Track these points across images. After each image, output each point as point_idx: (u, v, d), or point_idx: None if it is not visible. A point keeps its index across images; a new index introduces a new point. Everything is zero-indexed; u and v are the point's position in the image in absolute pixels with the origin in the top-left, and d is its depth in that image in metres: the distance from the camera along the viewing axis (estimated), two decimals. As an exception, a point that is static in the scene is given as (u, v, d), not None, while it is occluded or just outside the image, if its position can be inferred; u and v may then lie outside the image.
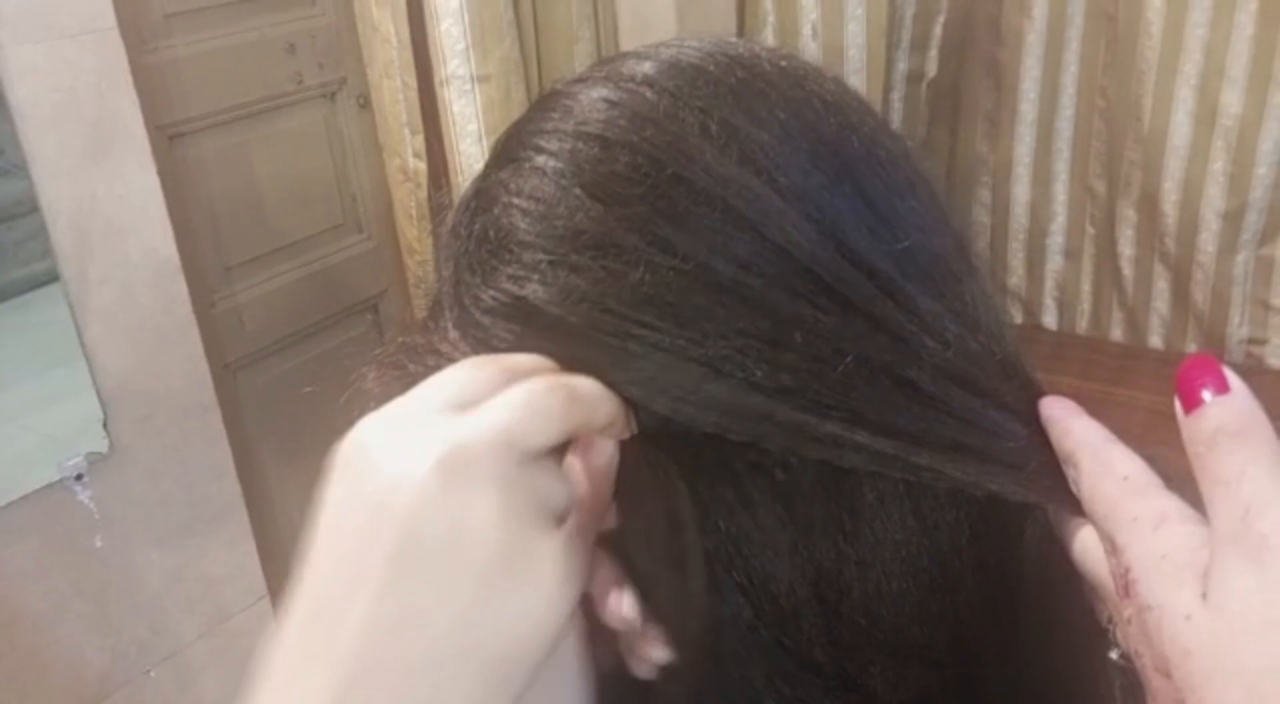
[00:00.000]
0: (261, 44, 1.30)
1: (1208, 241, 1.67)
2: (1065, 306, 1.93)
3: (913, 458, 0.34)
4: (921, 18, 1.76)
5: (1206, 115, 1.60)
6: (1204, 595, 0.29)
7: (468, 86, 1.20)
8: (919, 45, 1.82)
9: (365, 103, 1.39)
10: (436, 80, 1.22)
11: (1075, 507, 0.35)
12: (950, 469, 0.34)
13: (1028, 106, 1.82)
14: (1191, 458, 0.31)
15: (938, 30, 1.78)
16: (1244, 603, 0.28)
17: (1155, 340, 1.80)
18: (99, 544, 1.16)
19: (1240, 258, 1.67)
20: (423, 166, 1.27)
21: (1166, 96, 1.63)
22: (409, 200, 1.31)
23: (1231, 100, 1.57)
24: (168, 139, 1.24)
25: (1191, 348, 1.76)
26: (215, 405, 1.21)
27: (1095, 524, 0.33)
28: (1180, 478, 0.33)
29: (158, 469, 1.18)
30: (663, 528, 0.34)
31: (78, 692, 1.18)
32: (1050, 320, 1.94)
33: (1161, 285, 1.77)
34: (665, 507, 0.34)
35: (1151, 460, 0.33)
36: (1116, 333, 1.85)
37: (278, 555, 1.35)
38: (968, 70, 1.86)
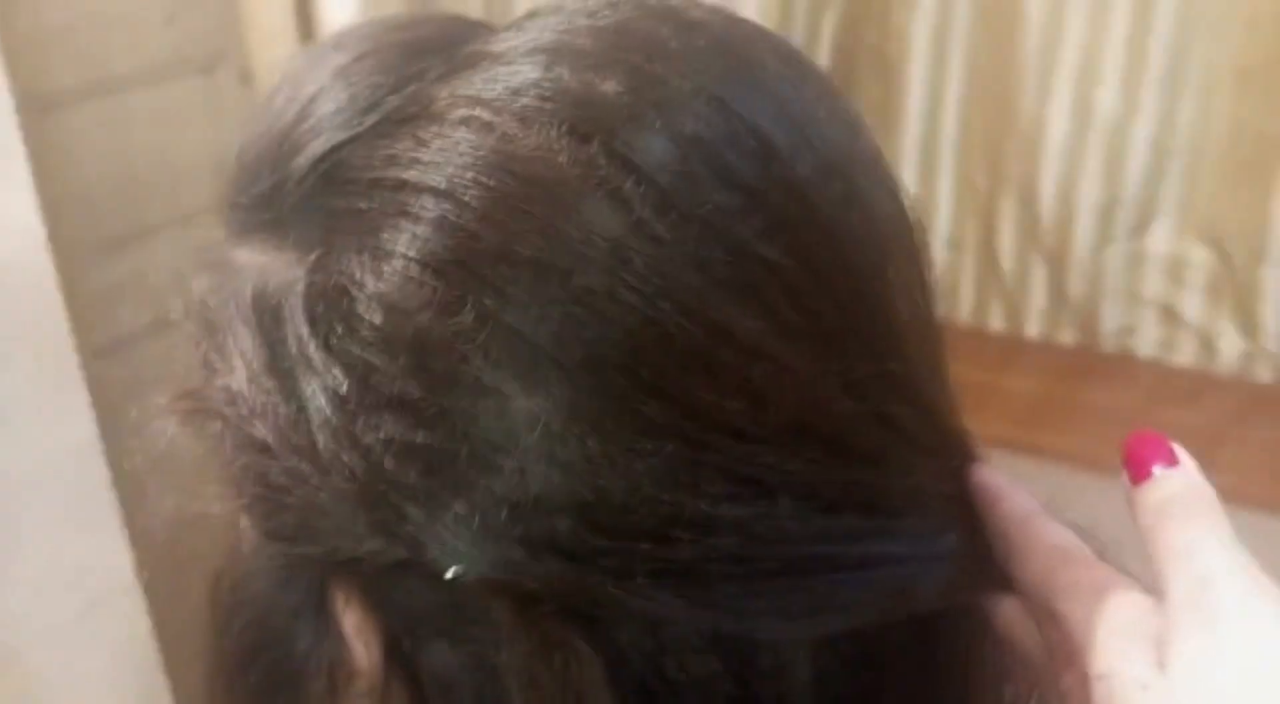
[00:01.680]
0: (138, 12, 1.25)
1: (1082, 234, 1.73)
2: (948, 297, 1.97)
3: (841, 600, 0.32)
4: (813, 10, 1.78)
5: (1082, 111, 1.65)
6: (1160, 664, 0.28)
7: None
8: (811, 39, 1.84)
9: (246, 78, 1.35)
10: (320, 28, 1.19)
11: (1003, 583, 0.34)
12: (881, 600, 0.32)
13: (914, 100, 1.86)
14: (1142, 529, 0.31)
15: (827, 24, 1.81)
16: (1204, 673, 0.28)
17: (1033, 330, 1.86)
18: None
19: (1113, 250, 1.73)
20: (307, 143, 1.24)
21: (1045, 92, 1.68)
22: (293, 178, 1.27)
23: (1106, 97, 1.62)
24: (38, 110, 1.18)
25: (1067, 337, 1.82)
26: (84, 385, 1.16)
27: (1026, 595, 0.33)
28: (1107, 550, 0.33)
29: (25, 448, 1.13)
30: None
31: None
32: (934, 310, 1.98)
33: (1039, 277, 1.82)
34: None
35: (1081, 533, 0.34)
36: (996, 322, 1.91)
37: (146, 544, 1.30)
38: (858, 64, 1.89)
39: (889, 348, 0.33)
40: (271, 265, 0.33)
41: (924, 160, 1.90)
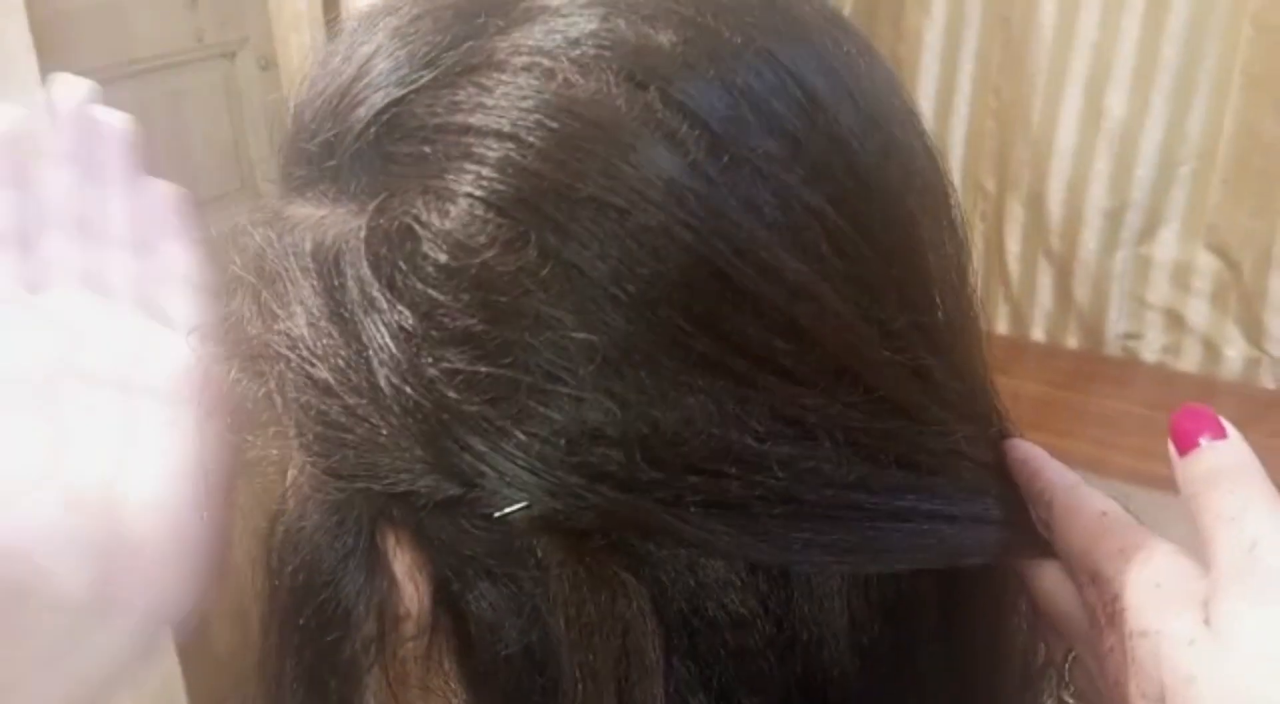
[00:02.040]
0: (161, -2, 1.27)
1: (1089, 239, 1.74)
2: (955, 300, 1.98)
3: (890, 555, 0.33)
4: (825, 11, 1.79)
5: (1092, 117, 1.66)
6: (1206, 622, 0.29)
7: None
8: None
9: (267, 64, 1.36)
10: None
11: (1040, 548, 0.35)
12: (928, 553, 0.33)
13: (925, 103, 1.87)
14: (1188, 497, 0.32)
15: (841, 25, 1.82)
16: (1253, 633, 0.28)
17: (1038, 333, 1.87)
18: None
19: (1120, 255, 1.74)
20: (329, 128, 1.25)
21: (1054, 98, 1.69)
22: (313, 163, 1.28)
23: (1116, 103, 1.63)
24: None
25: (1072, 341, 1.83)
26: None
27: (1069, 560, 0.34)
28: (1147, 520, 0.34)
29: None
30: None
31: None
32: (940, 313, 1.99)
33: (1045, 281, 1.83)
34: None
35: (1121, 503, 0.35)
36: (1002, 326, 1.92)
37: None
38: (868, 66, 1.91)
39: (924, 302, 0.34)
40: (330, 217, 0.33)
41: (933, 163, 1.91)
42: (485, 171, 0.30)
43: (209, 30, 1.31)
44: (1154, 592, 0.31)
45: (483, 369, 0.30)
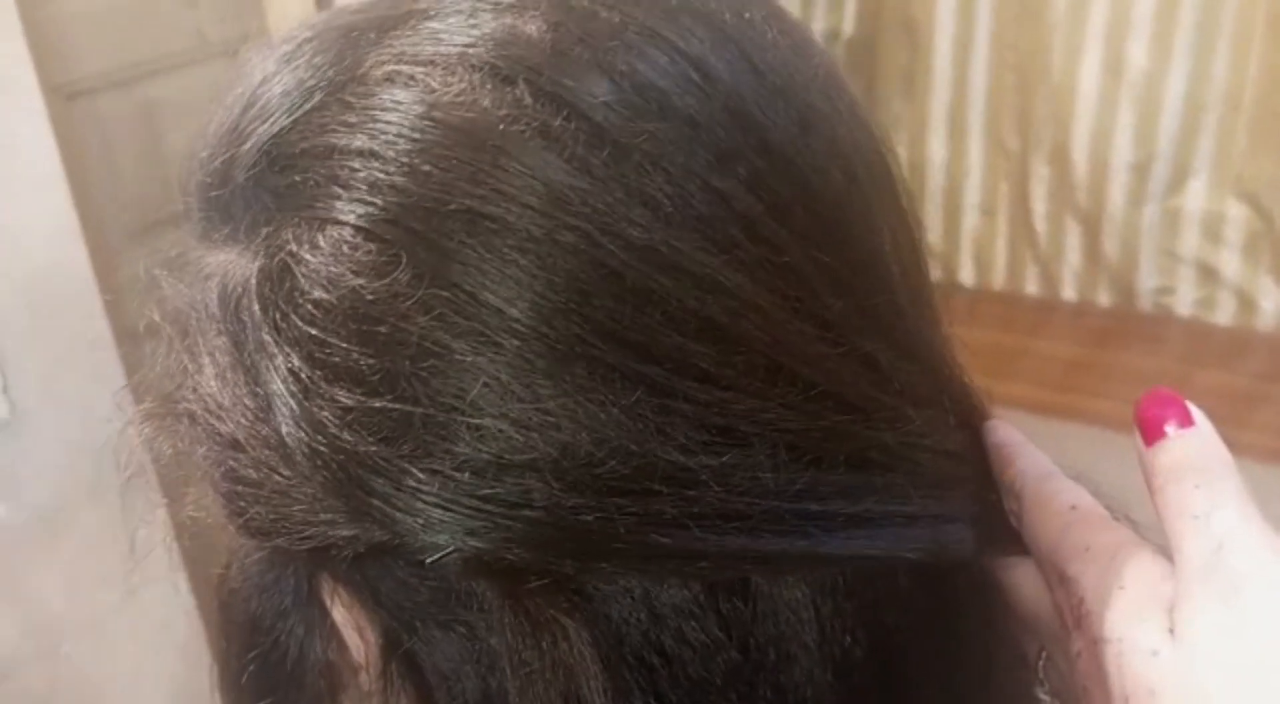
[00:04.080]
0: (160, -3, 1.27)
1: (1116, 193, 1.70)
2: (981, 262, 1.95)
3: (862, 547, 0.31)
4: (836, -25, 1.76)
5: (1113, 67, 1.62)
6: (1170, 631, 0.28)
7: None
8: (836, 3, 1.82)
9: (271, 60, 1.35)
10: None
11: (1013, 544, 0.33)
12: (899, 546, 0.31)
13: (942, 63, 1.84)
14: (1153, 491, 0.30)
15: (852, -12, 1.79)
16: (1216, 642, 0.27)
17: (1069, 293, 1.84)
18: (2, 512, 1.12)
19: (1148, 209, 1.70)
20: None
21: (1074, 49, 1.65)
22: (319, 158, 1.28)
23: (1137, 52, 1.59)
24: (64, 98, 1.20)
25: (1104, 299, 1.79)
26: (120, 370, 1.18)
27: (1038, 557, 0.32)
28: (1121, 513, 0.32)
29: (61, 435, 1.15)
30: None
31: (-15, 667, 1.15)
32: (967, 277, 1.96)
33: (1073, 239, 1.80)
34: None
35: (1099, 495, 0.32)
36: (1031, 287, 1.88)
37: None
38: (883, 28, 1.87)
39: (863, 283, 0.32)
40: (233, 261, 0.32)
41: (953, 125, 1.87)
42: (351, 194, 0.29)
43: (209, 27, 1.30)
44: (1118, 596, 0.29)
45: (375, 404, 0.28)
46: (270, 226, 0.30)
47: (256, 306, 0.30)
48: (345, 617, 0.32)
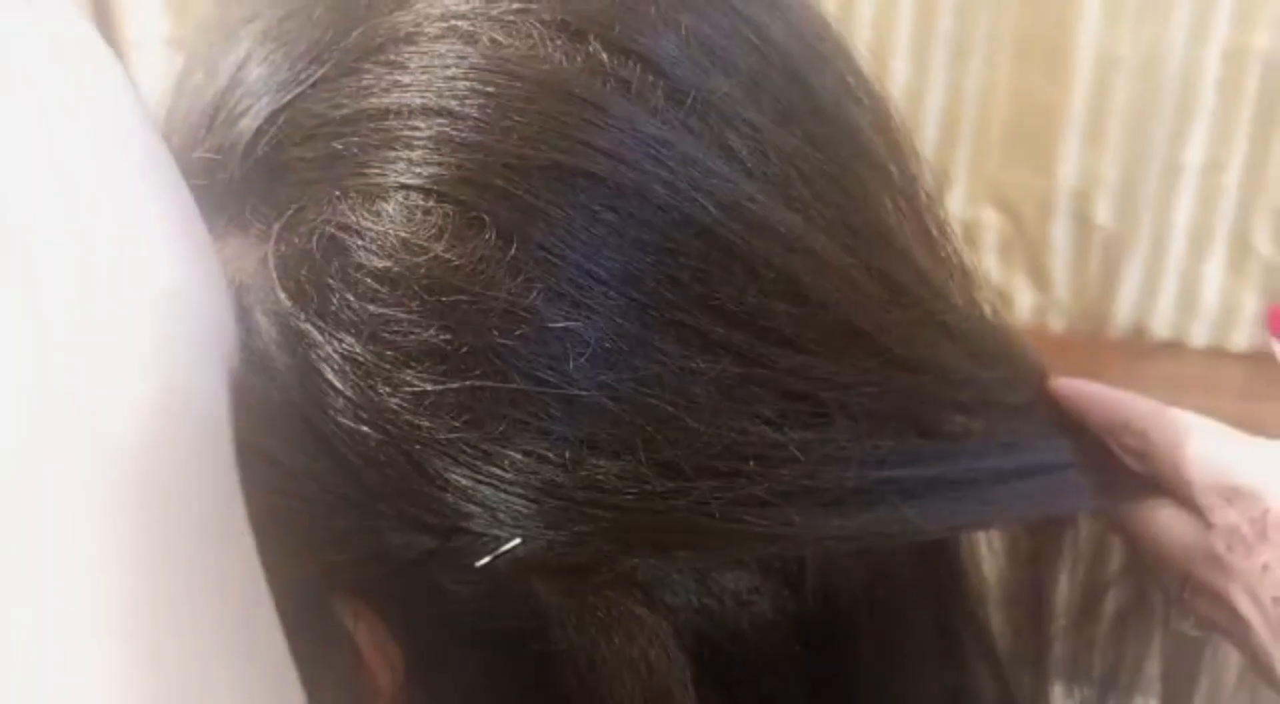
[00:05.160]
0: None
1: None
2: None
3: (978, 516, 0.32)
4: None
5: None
6: None
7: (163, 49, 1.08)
8: None
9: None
10: (121, 43, 1.09)
11: (1135, 484, 0.34)
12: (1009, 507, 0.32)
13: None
14: None
15: None
16: None
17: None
18: None
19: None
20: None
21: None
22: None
23: (898, 68, 1.69)
24: None
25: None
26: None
27: (1185, 488, 0.33)
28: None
29: None
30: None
31: None
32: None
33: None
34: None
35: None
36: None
37: None
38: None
39: (912, 248, 0.32)
40: (220, 256, 0.28)
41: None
42: (415, 155, 0.26)
43: None
44: None
45: (453, 385, 0.25)
46: (295, 204, 0.27)
47: (283, 294, 0.27)
48: (364, 637, 0.29)
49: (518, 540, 0.26)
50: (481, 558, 0.26)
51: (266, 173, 0.28)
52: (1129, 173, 1.66)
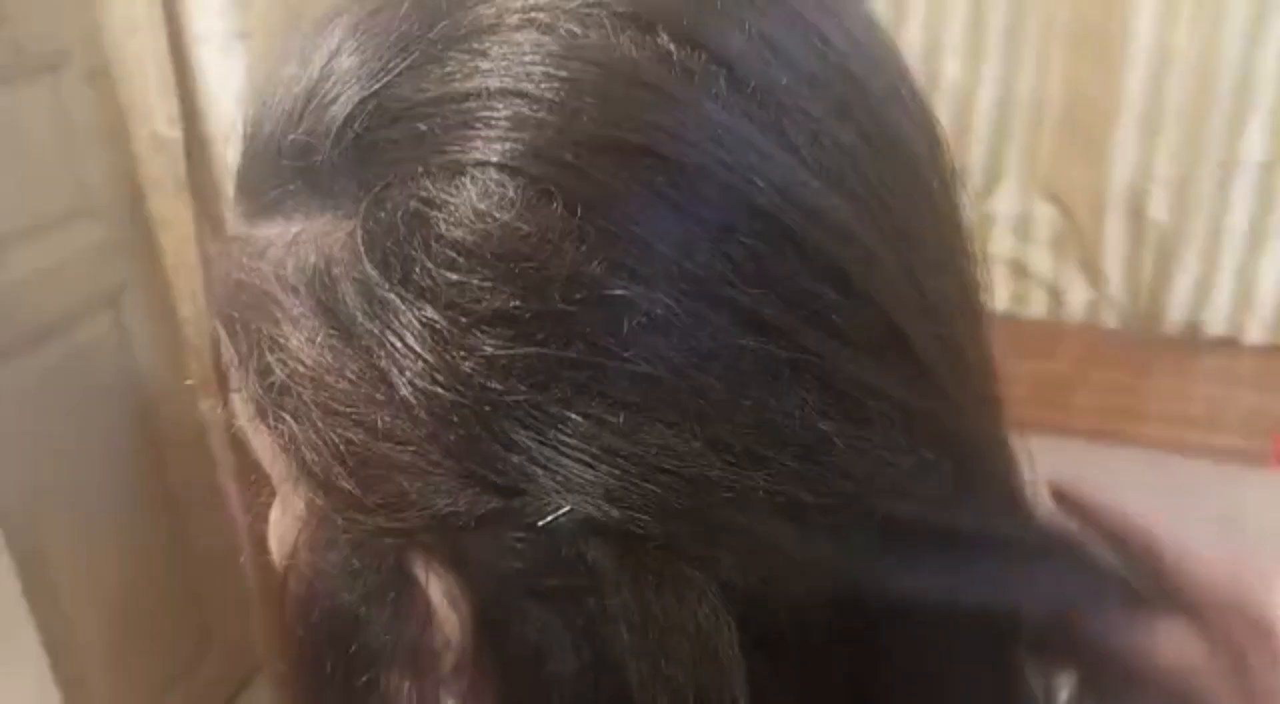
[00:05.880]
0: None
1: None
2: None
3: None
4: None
5: (929, 81, 1.72)
6: None
7: (229, 44, 1.12)
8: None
9: (94, 75, 1.26)
10: (188, 38, 1.13)
11: (1151, 601, 0.35)
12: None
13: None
14: None
15: None
16: None
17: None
18: None
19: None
20: (178, 135, 1.17)
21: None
22: (163, 173, 1.20)
23: (950, 66, 1.68)
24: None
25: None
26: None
27: (1207, 604, 0.34)
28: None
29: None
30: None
31: None
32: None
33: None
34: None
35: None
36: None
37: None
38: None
39: (938, 262, 0.33)
40: (307, 231, 0.31)
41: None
42: (492, 133, 0.28)
43: (28, 43, 1.20)
44: None
45: (523, 350, 0.28)
46: (383, 182, 0.29)
47: (369, 264, 0.29)
48: (436, 591, 0.31)
49: (568, 508, 0.28)
50: (543, 518, 0.28)
51: (356, 155, 0.30)
52: (1184, 168, 1.64)
